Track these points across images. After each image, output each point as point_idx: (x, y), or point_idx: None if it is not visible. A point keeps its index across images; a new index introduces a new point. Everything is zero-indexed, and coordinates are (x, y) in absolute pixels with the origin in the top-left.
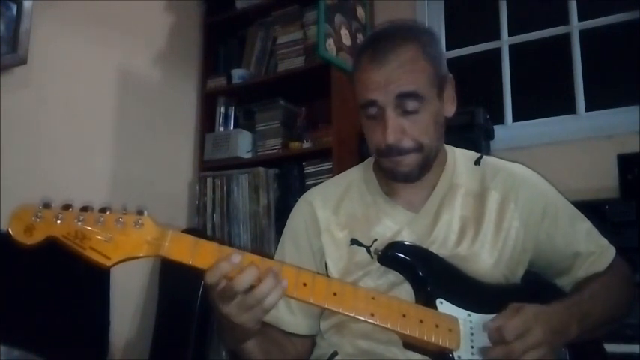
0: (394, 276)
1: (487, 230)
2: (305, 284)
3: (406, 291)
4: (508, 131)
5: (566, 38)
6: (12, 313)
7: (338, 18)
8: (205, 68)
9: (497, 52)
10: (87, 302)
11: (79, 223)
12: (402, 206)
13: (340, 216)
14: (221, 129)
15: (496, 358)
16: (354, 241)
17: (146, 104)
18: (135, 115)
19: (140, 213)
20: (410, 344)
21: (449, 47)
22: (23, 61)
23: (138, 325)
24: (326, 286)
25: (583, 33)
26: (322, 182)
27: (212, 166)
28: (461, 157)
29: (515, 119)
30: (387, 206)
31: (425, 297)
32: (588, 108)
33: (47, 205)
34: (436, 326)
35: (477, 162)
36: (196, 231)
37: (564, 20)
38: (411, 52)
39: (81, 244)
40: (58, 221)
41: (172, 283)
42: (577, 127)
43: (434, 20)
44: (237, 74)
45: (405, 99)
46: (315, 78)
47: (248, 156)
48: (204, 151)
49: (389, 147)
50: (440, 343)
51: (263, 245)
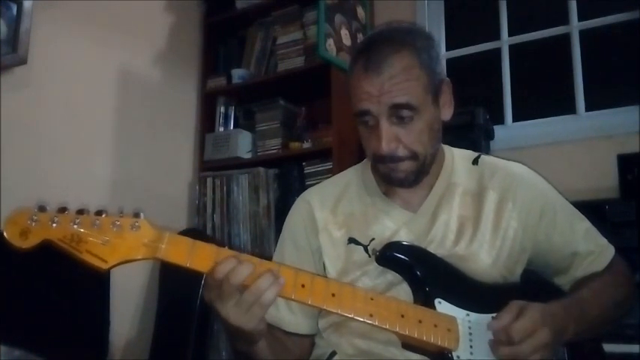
0: (392, 276)
1: (485, 230)
2: (303, 285)
3: (405, 291)
4: (508, 131)
5: (566, 38)
6: (12, 313)
7: (338, 18)
8: (205, 68)
9: (497, 52)
10: (87, 302)
11: (75, 226)
12: (400, 206)
13: (338, 215)
14: (221, 129)
15: (502, 359)
16: (352, 240)
17: (146, 104)
18: (135, 115)
19: (137, 215)
20: (409, 345)
21: (449, 47)
22: (23, 61)
23: (138, 325)
24: (324, 288)
25: (583, 33)
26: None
27: (212, 166)
28: (459, 157)
29: (515, 119)
30: (385, 206)
31: (423, 297)
32: (588, 108)
33: (42, 208)
34: (435, 326)
35: (475, 161)
36: (196, 231)
37: (564, 20)
38: (406, 60)
39: (77, 248)
40: (54, 224)
41: (172, 283)
42: (577, 127)
43: (434, 20)
44: (237, 74)
45: (399, 109)
46: (315, 78)
47: (248, 156)
48: (204, 151)
49: (383, 155)
50: (439, 344)
51: (263, 245)
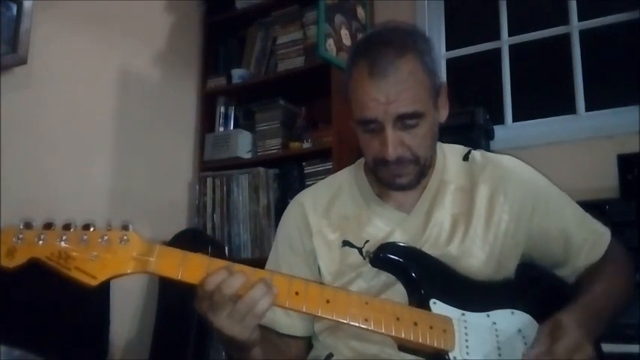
0: (387, 277)
1: (477, 225)
2: (297, 293)
3: (399, 292)
4: (508, 131)
5: (566, 38)
6: (12, 313)
7: (338, 18)
8: (205, 68)
9: (497, 52)
10: (87, 302)
11: (62, 243)
12: (394, 207)
13: (332, 218)
14: (221, 129)
15: None
16: (346, 243)
17: (146, 104)
18: (135, 115)
19: (125, 228)
20: (404, 347)
21: (449, 47)
22: (23, 61)
23: (138, 325)
24: (319, 294)
25: (583, 33)
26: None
27: (212, 166)
28: (450, 154)
29: (515, 119)
30: (379, 207)
31: (418, 298)
32: (588, 108)
33: (28, 225)
34: (430, 328)
35: (466, 157)
36: (196, 231)
37: (564, 20)
38: (411, 65)
39: (65, 265)
40: (40, 242)
41: (172, 283)
42: (577, 127)
43: (434, 20)
44: (237, 74)
45: (406, 118)
46: (315, 78)
47: (248, 156)
48: (204, 151)
49: (388, 160)
50: (435, 345)
51: (263, 245)
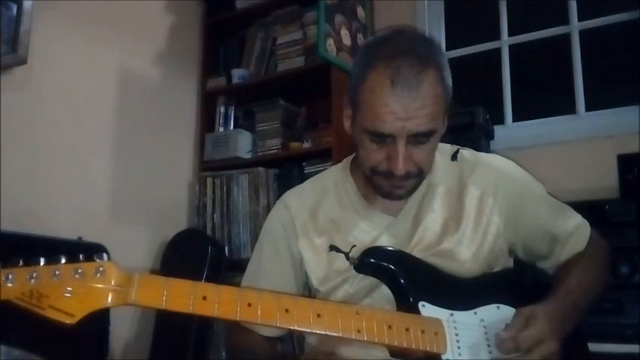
0: (372, 280)
1: (467, 228)
2: (287, 310)
3: (384, 294)
4: (508, 131)
5: (566, 38)
6: (12, 313)
7: (338, 18)
8: (205, 68)
9: (497, 52)
10: None
11: (33, 281)
12: (381, 210)
13: (318, 221)
14: (221, 129)
15: None
16: (333, 248)
17: (146, 104)
18: (135, 115)
19: (100, 257)
20: (396, 352)
21: (449, 47)
22: (23, 61)
23: (138, 326)
24: (309, 309)
25: (583, 33)
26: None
27: (212, 166)
28: (438, 155)
29: (515, 119)
30: (366, 211)
31: (407, 302)
32: (588, 108)
33: None
34: (422, 332)
35: (454, 157)
36: (196, 231)
37: (564, 20)
38: (432, 80)
39: (38, 305)
40: (9, 283)
41: None
42: (577, 127)
43: (434, 20)
44: (237, 74)
45: (420, 136)
46: (315, 78)
47: (248, 156)
48: (204, 151)
49: (394, 174)
50: (427, 350)
51: None
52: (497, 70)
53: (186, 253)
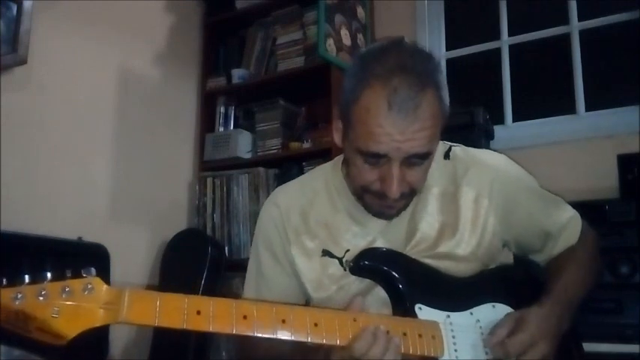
0: (367, 284)
1: (464, 230)
2: (284, 321)
3: (379, 296)
4: (508, 131)
5: (566, 38)
6: None
7: (338, 18)
8: (205, 68)
9: (497, 52)
10: None
11: (17, 302)
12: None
13: (310, 224)
14: (221, 129)
15: None
16: (326, 253)
17: (146, 104)
18: (135, 115)
19: (88, 272)
20: None
21: (449, 47)
22: (23, 61)
23: (138, 326)
24: (305, 318)
25: (583, 33)
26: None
27: (212, 166)
28: None
29: (515, 119)
30: (359, 214)
31: (403, 305)
32: (588, 108)
33: None
34: (419, 336)
35: (447, 155)
36: (196, 231)
37: (564, 20)
38: (430, 101)
39: (24, 327)
40: None
41: (173, 283)
42: (577, 127)
43: (434, 20)
44: (237, 74)
45: (416, 157)
46: (315, 78)
47: (248, 156)
48: (204, 151)
49: (387, 196)
50: (425, 354)
51: None
52: (497, 70)
53: (186, 254)
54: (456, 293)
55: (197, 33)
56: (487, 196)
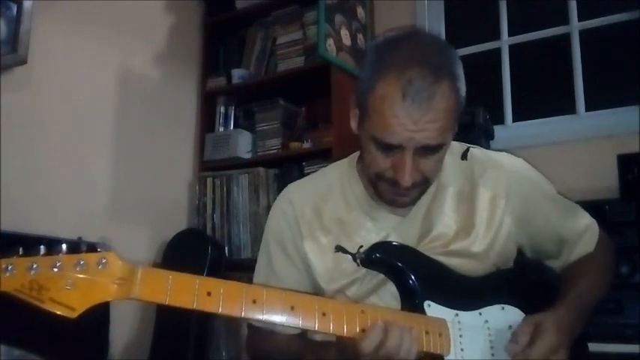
0: (380, 280)
1: (479, 229)
2: (293, 308)
3: (389, 291)
4: (508, 131)
5: (566, 38)
6: (12, 313)
7: (338, 18)
8: (205, 68)
9: (497, 52)
10: None
11: (32, 272)
12: (389, 210)
13: (324, 220)
14: (221, 129)
15: None
16: (340, 249)
17: (146, 104)
18: (135, 115)
19: (103, 247)
20: None
21: None
22: (23, 61)
23: (138, 325)
24: (314, 307)
25: (583, 33)
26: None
27: (212, 166)
28: (447, 154)
29: (515, 119)
30: (373, 210)
31: (412, 301)
32: (588, 108)
33: None
34: (426, 333)
35: (464, 156)
36: (196, 231)
37: (564, 20)
38: (445, 93)
39: (38, 297)
40: (7, 273)
41: None
42: (577, 127)
43: (434, 20)
44: (237, 74)
45: (429, 148)
46: (315, 78)
47: (248, 156)
48: (204, 151)
49: (400, 184)
50: (431, 351)
51: None
52: (497, 70)
53: (186, 253)
54: (466, 292)
55: (197, 33)
56: (504, 197)
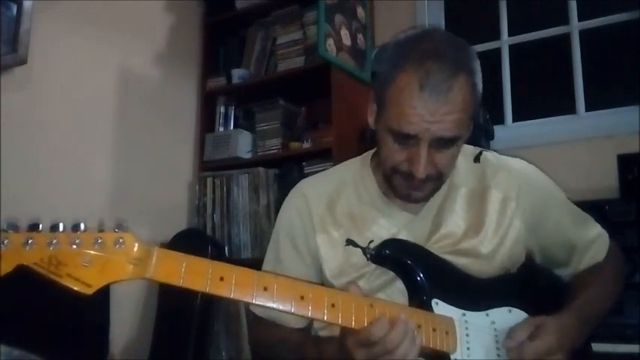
0: (388, 276)
1: (488, 229)
2: (302, 297)
3: (398, 289)
4: (508, 131)
5: (566, 38)
6: (12, 313)
7: (338, 18)
8: (205, 68)
9: (497, 52)
10: (87, 302)
11: (52, 248)
12: (400, 207)
13: (336, 214)
14: (221, 129)
15: None
16: (350, 242)
17: (146, 104)
18: (135, 115)
19: (120, 228)
20: None
21: None
22: (23, 61)
23: (138, 325)
24: (324, 298)
25: (583, 33)
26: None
27: (212, 166)
28: (460, 156)
29: (515, 119)
30: (385, 207)
31: (420, 298)
32: (588, 108)
33: (14, 227)
34: (433, 330)
35: (477, 159)
36: (196, 231)
37: (564, 20)
38: (462, 86)
39: (56, 272)
40: (27, 247)
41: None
42: (577, 127)
43: (434, 20)
44: (237, 74)
45: (444, 141)
46: (315, 78)
47: (248, 156)
48: (204, 151)
49: (414, 176)
50: (437, 348)
51: (263, 245)
52: (497, 70)
53: (186, 253)
54: (474, 293)
55: (197, 33)
56: (515, 200)
